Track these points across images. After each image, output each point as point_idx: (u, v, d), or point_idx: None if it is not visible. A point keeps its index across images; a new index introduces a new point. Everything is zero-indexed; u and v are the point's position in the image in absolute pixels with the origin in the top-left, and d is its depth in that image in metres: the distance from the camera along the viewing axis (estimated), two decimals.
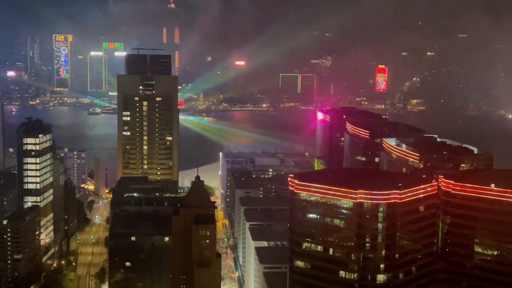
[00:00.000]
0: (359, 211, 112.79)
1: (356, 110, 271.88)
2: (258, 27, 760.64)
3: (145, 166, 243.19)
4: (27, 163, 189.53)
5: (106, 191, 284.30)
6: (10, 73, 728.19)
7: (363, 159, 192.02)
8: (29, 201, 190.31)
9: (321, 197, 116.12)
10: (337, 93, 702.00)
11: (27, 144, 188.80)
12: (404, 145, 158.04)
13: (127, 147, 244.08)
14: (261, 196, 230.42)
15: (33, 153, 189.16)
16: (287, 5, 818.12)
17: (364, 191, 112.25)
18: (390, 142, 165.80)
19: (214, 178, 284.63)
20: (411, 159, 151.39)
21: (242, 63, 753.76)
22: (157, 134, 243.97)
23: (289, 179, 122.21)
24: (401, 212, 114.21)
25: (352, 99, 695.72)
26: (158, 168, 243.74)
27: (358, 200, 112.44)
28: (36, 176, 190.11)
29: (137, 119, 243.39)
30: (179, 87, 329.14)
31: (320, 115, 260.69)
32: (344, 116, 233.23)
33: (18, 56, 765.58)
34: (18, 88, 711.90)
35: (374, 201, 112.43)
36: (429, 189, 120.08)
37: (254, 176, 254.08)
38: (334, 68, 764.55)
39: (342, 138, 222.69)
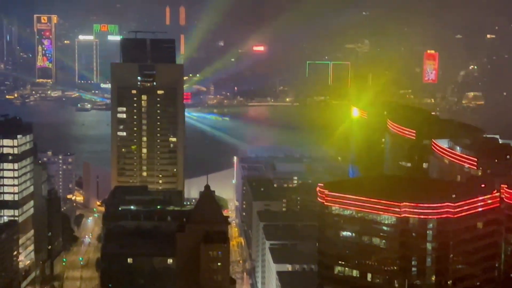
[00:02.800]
0: (404, 228, 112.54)
1: (400, 105, 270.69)
2: (280, 5, 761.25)
3: (144, 173, 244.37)
4: (3, 170, 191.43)
5: (98, 203, 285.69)
6: None
7: (409, 164, 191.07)
8: (5, 215, 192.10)
9: (357, 211, 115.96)
10: (377, 85, 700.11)
11: (3, 146, 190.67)
12: (458, 148, 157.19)
13: (123, 150, 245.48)
14: (284, 209, 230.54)
15: (10, 157, 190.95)
16: None
17: (409, 204, 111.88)
18: (442, 144, 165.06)
19: (227, 188, 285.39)
20: (467, 165, 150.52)
21: (261, 48, 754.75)
22: (158, 135, 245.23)
23: (317, 189, 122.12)
24: (455, 230, 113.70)
25: (395, 92, 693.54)
26: (160, 176, 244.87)
27: (403, 215, 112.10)
28: (13, 185, 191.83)
29: (135, 117, 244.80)
30: (185, 78, 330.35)
31: (355, 111, 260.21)
32: (385, 113, 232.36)
33: None
34: None
35: (422, 216, 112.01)
36: (490, 201, 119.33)
37: (275, 185, 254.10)
38: (373, 54, 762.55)
39: (383, 139, 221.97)
